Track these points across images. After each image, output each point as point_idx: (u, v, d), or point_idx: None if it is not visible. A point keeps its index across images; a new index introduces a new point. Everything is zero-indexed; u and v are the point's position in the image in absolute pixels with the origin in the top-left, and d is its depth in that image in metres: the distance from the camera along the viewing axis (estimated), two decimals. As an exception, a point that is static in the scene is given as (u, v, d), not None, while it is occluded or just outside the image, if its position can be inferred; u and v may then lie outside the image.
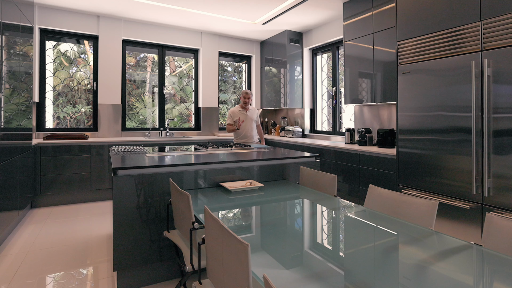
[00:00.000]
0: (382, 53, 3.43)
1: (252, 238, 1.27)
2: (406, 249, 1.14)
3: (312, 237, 1.28)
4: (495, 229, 1.14)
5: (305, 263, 1.06)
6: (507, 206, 1.97)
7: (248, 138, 3.88)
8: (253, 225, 1.45)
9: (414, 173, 2.56)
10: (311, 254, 1.12)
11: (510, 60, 1.97)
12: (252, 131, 3.92)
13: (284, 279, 0.93)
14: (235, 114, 3.85)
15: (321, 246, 1.19)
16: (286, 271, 0.99)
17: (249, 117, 3.90)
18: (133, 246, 1.94)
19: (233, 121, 3.80)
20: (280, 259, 1.07)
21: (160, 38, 5.00)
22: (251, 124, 3.89)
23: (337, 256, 1.11)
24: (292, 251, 1.15)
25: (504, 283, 0.92)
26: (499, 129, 2.02)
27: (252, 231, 1.36)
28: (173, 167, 2.06)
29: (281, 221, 1.49)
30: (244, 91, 3.89)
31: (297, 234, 1.33)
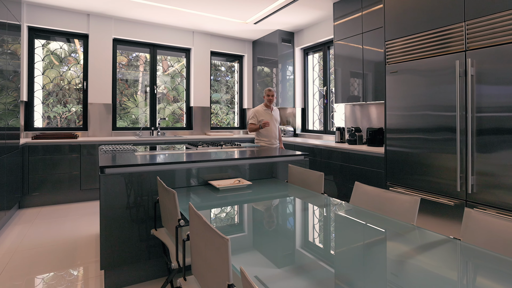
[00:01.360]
0: (371, 53, 3.47)
1: (241, 237, 1.28)
2: (390, 245, 1.16)
3: (299, 235, 1.30)
4: (473, 224, 1.17)
5: (294, 260, 1.07)
6: (489, 202, 2.02)
7: (272, 139, 3.68)
8: (241, 223, 1.46)
9: (401, 171, 2.60)
10: (299, 251, 1.13)
11: (492, 60, 2.02)
12: (276, 132, 3.73)
13: (274, 277, 0.95)
14: (260, 114, 3.64)
15: (309, 243, 1.21)
16: (277, 269, 1.00)
17: (273, 118, 3.71)
18: (121, 244, 1.93)
19: (257, 121, 3.60)
20: (267, 257, 1.08)
21: (152, 37, 4.98)
22: (275, 124, 3.71)
23: (325, 253, 1.13)
24: (278, 249, 1.17)
25: (479, 274, 0.95)
26: (482, 128, 2.07)
27: (241, 230, 1.37)
28: (161, 166, 2.06)
29: (268, 219, 1.50)
30: (268, 88, 3.68)
31: (284, 232, 1.34)
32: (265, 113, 3.64)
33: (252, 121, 3.64)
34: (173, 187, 2.06)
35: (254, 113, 3.66)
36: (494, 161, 2.00)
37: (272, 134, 3.66)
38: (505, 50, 1.95)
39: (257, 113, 3.65)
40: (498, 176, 1.98)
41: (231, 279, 0.87)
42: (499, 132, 1.98)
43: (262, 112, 3.65)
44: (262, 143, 3.66)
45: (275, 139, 3.70)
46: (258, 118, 3.61)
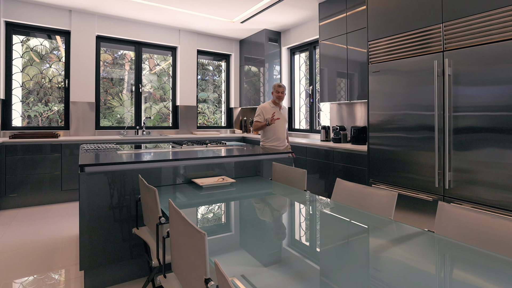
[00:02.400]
0: (355, 53, 3.53)
1: (222, 234, 1.28)
2: (368, 238, 1.19)
3: (281, 231, 1.31)
4: (445, 216, 1.21)
5: (275, 256, 1.08)
6: (465, 197, 2.09)
7: (280, 140, 3.33)
8: (221, 220, 1.46)
9: (383, 168, 2.66)
10: (281, 248, 1.14)
11: (467, 60, 2.09)
12: (285, 133, 3.39)
13: (257, 273, 0.95)
14: (267, 111, 3.29)
15: (291, 239, 1.22)
16: (259, 265, 1.00)
17: (282, 117, 3.36)
18: (101, 244, 1.90)
19: (263, 119, 3.28)
20: (247, 253, 1.09)
21: (136, 34, 4.91)
22: (283, 124, 3.36)
23: (307, 248, 1.14)
24: (260, 245, 1.17)
25: (452, 264, 0.98)
26: (458, 127, 2.14)
27: (221, 227, 1.37)
28: (143, 164, 2.03)
29: (250, 216, 1.51)
30: (277, 84, 3.34)
31: (265, 228, 1.35)
32: (272, 111, 3.32)
33: (257, 119, 3.32)
34: (156, 186, 2.04)
35: (261, 110, 3.32)
36: (469, 158, 2.07)
37: (280, 134, 3.33)
38: (479, 51, 2.02)
39: (263, 110, 3.31)
40: (473, 173, 2.05)
41: (208, 273, 0.87)
42: (474, 130, 2.05)
43: (269, 109, 3.32)
44: (267, 144, 3.32)
45: (283, 141, 3.37)
46: (265, 116, 3.28)
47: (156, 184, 2.06)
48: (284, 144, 3.40)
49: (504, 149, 1.90)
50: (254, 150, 2.72)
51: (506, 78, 1.90)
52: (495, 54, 1.95)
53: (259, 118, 3.30)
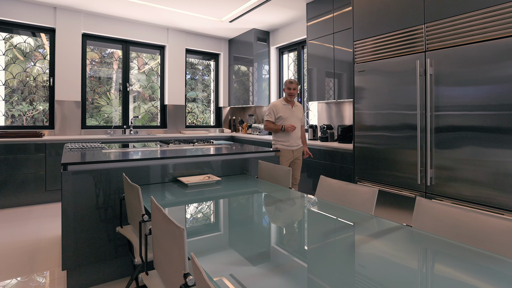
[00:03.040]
0: (342, 53, 3.58)
1: (210, 232, 1.29)
2: (350, 234, 1.21)
3: (264, 229, 1.32)
4: (423, 211, 1.25)
5: (259, 254, 1.09)
6: (446, 194, 2.15)
7: (293, 140, 3.08)
8: (206, 218, 1.46)
9: (368, 166, 2.70)
10: (265, 245, 1.16)
11: (448, 60, 2.15)
12: (298, 132, 3.14)
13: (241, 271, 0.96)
14: (279, 110, 3.05)
15: (275, 237, 1.23)
16: (239, 261, 1.01)
17: (295, 115, 3.12)
18: (85, 244, 1.88)
19: (274, 118, 3.06)
20: (234, 252, 1.10)
21: (124, 33, 4.85)
22: (297, 123, 3.13)
23: (293, 246, 1.16)
24: (243, 242, 1.18)
25: (426, 257, 1.01)
26: (439, 125, 2.19)
27: (207, 225, 1.37)
28: (127, 162, 2.02)
29: (236, 214, 1.51)
30: (288, 80, 3.09)
31: (251, 227, 1.36)
32: (284, 109, 3.06)
33: (268, 118, 3.09)
34: (141, 184, 2.03)
35: (271, 108, 3.08)
36: (450, 156, 2.13)
37: (293, 134, 3.07)
38: (458, 52, 2.08)
39: (274, 108, 3.07)
40: (453, 170, 2.11)
41: (187, 268, 0.88)
42: (454, 129, 2.11)
43: (280, 107, 3.06)
44: (279, 144, 3.08)
45: (296, 140, 3.11)
46: (276, 115, 3.05)
47: (141, 182, 2.05)
48: (298, 144, 3.13)
49: (482, 147, 1.96)
50: (240, 149, 2.72)
51: (483, 79, 1.96)
52: (473, 55, 2.01)
53: (270, 117, 3.08)
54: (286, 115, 3.07)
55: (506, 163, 1.86)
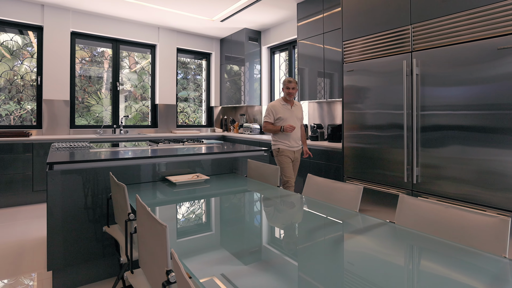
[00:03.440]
0: (332, 52, 3.61)
1: (198, 231, 1.29)
2: (334, 230, 1.23)
3: (251, 227, 1.33)
4: (405, 208, 1.27)
5: (244, 250, 1.10)
6: (432, 191, 2.19)
7: (293, 141, 3.01)
8: (190, 216, 1.46)
9: (357, 165, 2.73)
10: (250, 243, 1.16)
11: (433, 60, 2.19)
12: (298, 132, 3.08)
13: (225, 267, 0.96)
14: (277, 110, 2.97)
15: (261, 235, 1.24)
16: (224, 258, 1.02)
17: (295, 115, 3.04)
18: (71, 244, 1.86)
19: (273, 119, 2.99)
20: (225, 252, 1.10)
21: (114, 31, 4.80)
22: (297, 124, 3.06)
23: (280, 244, 1.17)
24: (229, 240, 1.19)
25: (405, 251, 1.03)
26: (425, 125, 2.23)
27: (193, 224, 1.38)
28: (115, 161, 2.00)
29: (224, 213, 1.52)
30: (287, 79, 3.00)
31: (240, 226, 1.37)
32: (283, 109, 2.98)
33: (267, 119, 3.01)
34: (129, 183, 2.01)
35: (270, 109, 3.01)
36: (435, 154, 2.17)
37: (293, 135, 3.00)
38: (443, 52, 2.12)
39: (273, 108, 2.99)
40: (439, 168, 2.15)
41: (170, 265, 0.88)
42: (440, 128, 2.15)
43: (279, 108, 2.98)
44: (280, 145, 3.00)
45: (297, 141, 3.05)
46: (275, 116, 2.98)
47: (129, 182, 2.03)
48: (298, 145, 3.07)
49: (467, 146, 2.01)
50: (230, 148, 2.73)
51: (468, 79, 2.01)
52: (458, 56, 2.06)
53: (269, 118, 2.99)
54: (286, 115, 2.99)
55: (489, 161, 1.91)
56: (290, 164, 3.02)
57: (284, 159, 2.99)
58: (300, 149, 3.11)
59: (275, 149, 3.06)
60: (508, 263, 0.92)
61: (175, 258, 0.71)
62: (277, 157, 3.05)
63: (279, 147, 3.01)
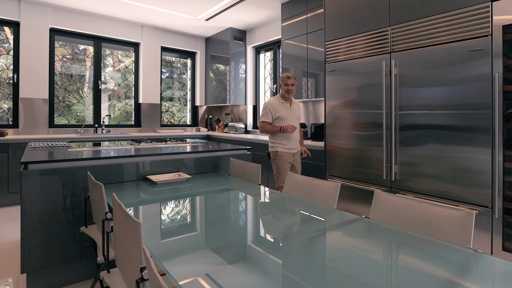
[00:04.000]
0: (315, 52, 3.66)
1: (179, 231, 1.28)
2: (312, 226, 1.25)
3: (231, 224, 1.33)
4: (380, 203, 1.31)
5: (223, 249, 1.10)
6: (409, 188, 2.26)
7: (294, 142, 2.79)
8: (167, 215, 1.46)
9: (339, 164, 2.78)
10: (232, 241, 1.17)
11: (410, 61, 2.26)
12: (297, 132, 2.85)
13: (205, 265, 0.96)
14: (276, 109, 2.73)
15: (241, 233, 1.25)
16: (203, 257, 1.02)
17: (294, 114, 2.81)
18: (46, 245, 1.81)
19: (272, 118, 2.74)
20: (208, 251, 1.10)
21: (95, 29, 4.70)
22: (296, 123, 2.84)
23: (261, 242, 1.17)
24: (213, 241, 1.19)
25: (379, 245, 1.07)
26: (403, 124, 2.30)
27: (174, 224, 1.37)
28: (93, 161, 1.96)
29: (205, 211, 1.52)
30: (285, 74, 2.75)
31: (216, 222, 1.37)
32: (282, 108, 2.74)
33: (265, 119, 2.73)
34: (108, 183, 1.98)
35: (268, 107, 2.74)
36: (413, 152, 2.24)
37: (293, 135, 2.77)
38: (419, 53, 2.20)
39: (271, 107, 2.73)
40: (416, 165, 2.22)
41: (144, 262, 0.88)
42: (416, 127, 2.22)
43: (277, 106, 2.74)
44: (279, 148, 2.75)
45: (297, 142, 2.84)
46: (274, 115, 2.72)
47: (108, 181, 2.00)
48: (297, 146, 2.85)
49: (441, 144, 2.08)
50: (212, 147, 2.72)
51: (442, 80, 2.08)
52: (433, 57, 2.13)
53: (267, 118, 2.72)
54: (285, 114, 2.73)
55: (461, 159, 1.99)
56: (288, 169, 2.78)
57: (282, 164, 2.73)
58: (299, 150, 2.91)
59: (273, 151, 2.79)
60: (472, 254, 0.97)
61: (146, 254, 0.71)
62: (275, 161, 2.79)
63: (277, 150, 2.75)
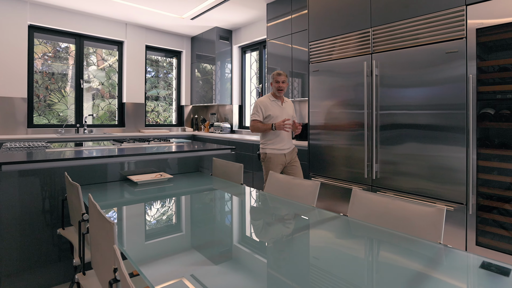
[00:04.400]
0: (300, 52, 3.70)
1: (159, 233, 1.27)
2: (291, 224, 1.26)
3: (212, 224, 1.33)
4: (357, 201, 1.34)
5: (206, 249, 1.10)
6: (390, 186, 2.31)
7: (285, 141, 2.66)
8: (159, 217, 1.44)
9: (322, 163, 2.82)
10: (213, 240, 1.16)
11: (390, 62, 2.31)
12: (290, 132, 2.72)
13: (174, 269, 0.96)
14: (267, 107, 2.62)
15: (221, 232, 1.25)
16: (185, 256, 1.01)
17: (286, 112, 2.70)
18: (21, 248, 1.75)
19: (262, 117, 2.63)
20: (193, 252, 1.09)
21: (77, 26, 4.58)
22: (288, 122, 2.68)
23: (246, 242, 1.17)
24: (192, 241, 1.18)
25: (356, 242, 1.09)
26: (384, 124, 2.35)
27: (155, 224, 1.35)
28: (71, 161, 1.92)
29: (186, 212, 1.51)
30: (276, 72, 2.66)
31: (197, 222, 1.36)
32: (273, 106, 2.63)
33: (255, 117, 2.63)
34: (87, 184, 1.94)
35: (258, 105, 2.64)
36: (393, 151, 2.29)
37: (284, 135, 2.64)
38: (399, 54, 2.25)
39: (261, 105, 2.63)
40: (396, 164, 2.27)
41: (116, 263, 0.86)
42: (396, 127, 2.27)
43: (268, 104, 2.64)
44: (268, 149, 2.63)
45: (289, 142, 2.72)
46: (265, 113, 2.62)
47: (87, 182, 1.96)
48: (290, 146, 2.74)
49: (420, 143, 2.14)
50: (195, 147, 2.71)
51: (421, 81, 2.14)
52: (412, 59, 2.19)
53: (257, 116, 2.62)
54: (276, 113, 2.65)
55: (439, 157, 2.05)
56: (281, 170, 2.69)
57: (271, 166, 2.61)
58: (293, 150, 2.77)
59: (262, 153, 2.69)
60: (443, 248, 1.00)
61: (116, 254, 0.70)
62: (264, 163, 2.70)
63: (266, 152, 2.64)
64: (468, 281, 0.83)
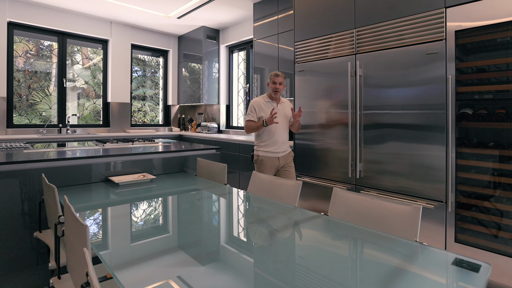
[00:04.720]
0: (286, 52, 3.71)
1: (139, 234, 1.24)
2: (273, 223, 1.26)
3: (197, 225, 1.32)
4: (338, 200, 1.35)
5: (192, 249, 1.08)
6: (373, 185, 2.34)
7: (279, 144, 2.57)
8: (139, 219, 1.42)
9: (308, 162, 2.84)
10: (199, 240, 1.15)
11: (373, 63, 2.34)
12: (286, 134, 2.65)
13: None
14: (261, 108, 2.57)
15: (206, 232, 1.23)
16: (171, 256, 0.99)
17: (281, 113, 2.60)
18: (0, 252, 1.70)
19: (257, 118, 2.58)
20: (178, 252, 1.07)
21: (60, 24, 4.47)
22: (284, 123, 2.62)
23: (232, 242, 1.16)
24: (178, 241, 1.17)
25: (336, 240, 1.09)
26: (367, 123, 2.38)
27: (136, 226, 1.33)
28: (49, 162, 1.86)
29: (170, 212, 1.49)
30: (274, 72, 2.59)
31: (186, 225, 1.35)
32: (267, 107, 2.58)
33: (249, 118, 2.60)
34: (66, 185, 1.89)
35: (253, 106, 2.60)
36: (376, 150, 2.33)
37: (278, 137, 2.57)
38: (381, 55, 2.29)
39: (256, 106, 2.58)
40: (379, 163, 2.31)
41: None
42: (379, 126, 2.31)
43: (262, 104, 2.59)
44: (260, 152, 2.58)
45: (283, 145, 2.61)
46: (258, 114, 2.58)
47: (66, 183, 1.91)
48: (285, 150, 2.64)
49: (402, 142, 2.18)
50: (179, 147, 2.68)
51: (403, 81, 2.18)
52: (394, 59, 2.22)
53: (252, 117, 2.58)
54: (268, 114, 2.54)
55: (420, 156, 2.09)
56: (273, 173, 2.61)
57: (262, 169, 2.57)
58: (288, 154, 2.66)
59: (255, 155, 2.64)
60: (418, 246, 1.02)
61: (86, 257, 0.69)
62: (256, 164, 2.64)
63: (259, 154, 2.59)
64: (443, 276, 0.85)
